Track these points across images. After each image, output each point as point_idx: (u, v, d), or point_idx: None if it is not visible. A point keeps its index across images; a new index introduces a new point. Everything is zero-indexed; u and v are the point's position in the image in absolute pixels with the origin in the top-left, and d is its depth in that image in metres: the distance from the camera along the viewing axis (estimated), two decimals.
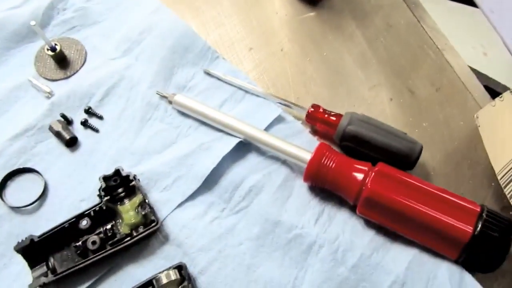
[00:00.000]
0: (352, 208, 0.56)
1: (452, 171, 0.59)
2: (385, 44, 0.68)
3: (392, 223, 0.52)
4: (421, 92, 0.64)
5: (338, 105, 0.61)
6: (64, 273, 0.51)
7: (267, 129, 0.60)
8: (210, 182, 0.57)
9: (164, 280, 0.50)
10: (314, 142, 0.60)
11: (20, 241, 0.53)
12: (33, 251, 0.53)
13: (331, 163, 0.54)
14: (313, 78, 0.65)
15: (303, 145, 0.57)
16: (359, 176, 0.53)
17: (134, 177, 0.56)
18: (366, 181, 0.52)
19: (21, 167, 0.60)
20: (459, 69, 0.65)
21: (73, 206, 0.57)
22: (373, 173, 0.52)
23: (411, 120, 0.62)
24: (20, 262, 0.54)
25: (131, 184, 0.56)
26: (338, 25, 0.70)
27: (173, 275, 0.50)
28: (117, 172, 0.57)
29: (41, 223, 0.56)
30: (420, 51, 0.67)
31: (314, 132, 0.61)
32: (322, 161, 0.54)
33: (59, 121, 0.61)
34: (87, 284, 0.52)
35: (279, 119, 0.62)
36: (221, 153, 0.58)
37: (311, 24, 0.70)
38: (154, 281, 0.50)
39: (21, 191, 0.58)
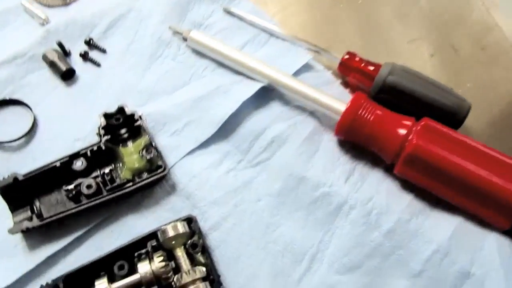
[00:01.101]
0: (388, 168, 0.49)
1: (497, 136, 0.52)
2: None
3: (437, 186, 0.46)
4: (465, 50, 0.58)
5: (373, 58, 0.54)
6: (52, 219, 0.44)
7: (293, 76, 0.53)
8: (226, 129, 0.50)
9: (171, 233, 0.42)
10: (345, 95, 0.53)
11: (1, 179, 0.45)
12: (16, 191, 0.45)
13: (369, 115, 0.47)
14: (345, 26, 0.59)
15: (332, 95, 0.50)
16: (402, 131, 0.46)
17: (140, 116, 0.49)
18: (410, 136, 0.45)
19: (7, 98, 0.51)
20: (507, 29, 0.59)
21: (66, 146, 0.50)
22: (419, 127, 0.45)
23: (454, 79, 0.55)
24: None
25: (136, 124, 0.49)
26: None
27: (181, 227, 0.43)
28: (121, 109, 0.49)
29: (27, 162, 0.49)
30: (465, 6, 0.61)
31: (345, 84, 0.54)
32: (359, 112, 0.47)
33: (55, 50, 0.53)
34: (78, 233, 0.45)
35: (307, 67, 0.55)
36: (242, 97, 0.51)
37: None
38: (159, 233, 0.43)
39: (5, 124, 0.51)
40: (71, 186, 0.46)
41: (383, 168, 0.49)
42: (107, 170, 0.47)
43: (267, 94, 0.52)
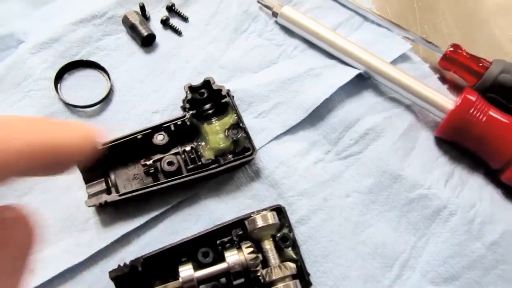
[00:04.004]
0: (489, 174, 0.45)
1: None
2: None
3: None
4: None
5: (473, 53, 0.50)
6: (131, 194, 0.40)
7: None
8: (315, 116, 0.47)
9: (260, 223, 0.39)
10: (443, 91, 0.49)
11: None
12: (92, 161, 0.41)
13: (481, 115, 0.43)
14: (444, 17, 0.54)
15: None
16: None
17: (228, 92, 0.45)
18: None
19: (84, 59, 0.48)
20: None
21: (143, 118, 0.46)
22: None
23: None
24: (73, 172, 0.43)
25: (223, 101, 0.45)
26: None
27: (271, 218, 0.39)
28: (207, 83, 0.45)
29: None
30: None
31: (443, 79, 0.50)
32: (471, 111, 0.43)
33: (136, 12, 0.49)
34: (155, 213, 0.42)
35: (403, 58, 0.50)
36: (336, 82, 0.47)
37: None
38: (246, 222, 0.39)
39: (80, 88, 0.47)
40: (150, 161, 0.42)
41: (484, 173, 0.45)
42: (188, 148, 0.43)
43: (360, 82, 0.48)
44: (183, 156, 0.43)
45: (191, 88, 0.45)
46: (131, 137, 0.42)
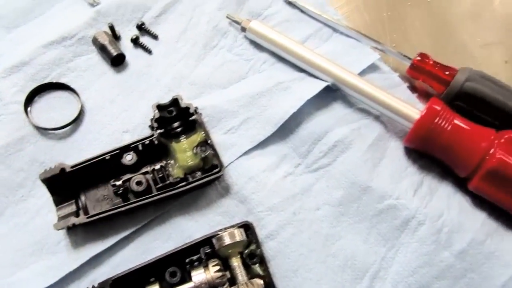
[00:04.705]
0: (457, 182, 0.45)
1: None
2: None
3: None
4: None
5: (443, 61, 0.49)
6: (100, 216, 0.41)
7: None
8: (284, 130, 0.47)
9: (227, 240, 0.39)
10: (413, 100, 0.49)
11: (47, 168, 0.42)
12: (62, 183, 0.42)
13: (447, 124, 0.43)
14: (414, 26, 0.54)
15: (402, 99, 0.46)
16: (482, 143, 0.42)
17: (196, 110, 0.45)
18: (492, 150, 0.41)
19: (54, 81, 0.48)
20: None
21: (114, 137, 0.47)
22: (502, 140, 0.41)
23: None
24: (43, 196, 0.44)
25: (191, 119, 0.45)
26: None
27: (239, 235, 0.40)
28: (175, 101, 0.46)
29: (72, 152, 0.46)
30: None
31: (413, 88, 0.50)
32: (436, 120, 0.43)
33: (105, 33, 0.50)
34: (125, 233, 0.42)
35: (372, 68, 0.51)
36: (304, 96, 0.47)
37: None
38: (214, 240, 0.40)
39: (51, 110, 0.48)
40: (119, 182, 0.43)
41: (453, 181, 0.46)
42: (157, 167, 0.44)
43: (329, 94, 0.48)
44: (152, 175, 0.44)
45: (159, 107, 0.45)
46: (99, 158, 0.43)
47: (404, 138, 0.46)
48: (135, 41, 0.51)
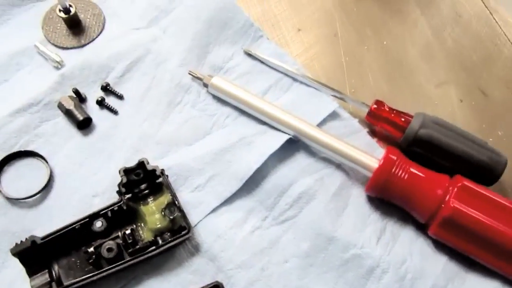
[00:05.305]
0: (419, 226, 0.47)
1: None
2: (453, 36, 0.59)
3: (474, 249, 0.44)
4: (495, 94, 0.55)
5: (400, 103, 0.52)
6: (74, 286, 0.42)
7: (319, 125, 0.51)
8: (250, 184, 0.48)
9: None
10: (373, 145, 0.51)
11: (18, 242, 0.43)
12: (34, 255, 0.43)
13: (403, 173, 0.45)
14: (371, 69, 0.56)
15: (361, 148, 0.48)
16: (437, 191, 0.44)
17: (162, 172, 0.47)
18: (447, 197, 0.43)
19: (22, 149, 0.49)
20: None
21: (84, 202, 0.48)
22: (456, 189, 0.43)
23: (484, 127, 0.53)
24: (15, 266, 0.44)
25: (157, 181, 0.46)
26: (400, 10, 0.60)
27: None
28: (141, 164, 0.47)
29: (43, 220, 0.47)
30: (493, 47, 0.58)
31: (373, 133, 0.52)
32: (393, 170, 0.45)
33: (70, 97, 0.51)
34: None
35: (333, 115, 0.52)
36: (267, 150, 0.48)
37: (369, 7, 0.60)
38: None
39: (20, 179, 0.48)
40: (91, 249, 0.44)
41: (414, 226, 0.47)
42: (128, 231, 0.45)
43: (292, 145, 0.50)
44: (122, 240, 0.45)
45: (126, 171, 0.47)
46: (70, 227, 0.44)
47: (365, 185, 0.48)
48: (101, 103, 0.52)
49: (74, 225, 0.44)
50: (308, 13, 0.60)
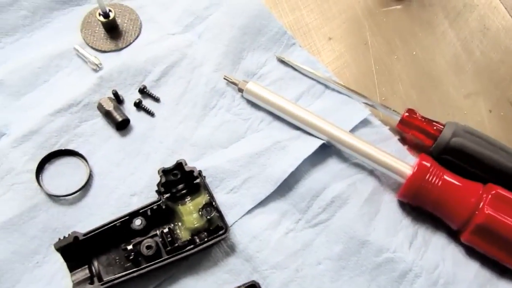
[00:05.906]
0: (451, 232, 0.48)
1: None
2: (481, 49, 0.60)
3: (506, 256, 0.44)
4: None
5: (430, 112, 0.53)
6: (113, 282, 0.43)
7: (350, 132, 0.52)
8: (284, 187, 0.49)
9: None
10: (404, 153, 0.52)
11: (61, 237, 0.44)
12: (76, 251, 0.44)
13: (437, 180, 0.46)
14: (401, 78, 0.58)
15: (393, 154, 0.49)
16: (471, 198, 0.45)
17: (200, 173, 0.48)
18: (480, 205, 0.44)
19: (63, 148, 0.51)
20: None
21: (122, 201, 0.49)
22: (490, 196, 0.44)
23: None
24: (56, 261, 0.46)
25: (195, 182, 0.48)
26: (428, 22, 0.62)
27: None
28: (179, 165, 0.48)
29: (82, 217, 0.48)
30: None
31: (403, 140, 0.53)
32: (426, 177, 0.46)
33: (109, 98, 0.52)
34: None
35: (364, 122, 0.53)
36: (301, 155, 0.49)
37: (398, 18, 0.62)
38: None
39: (61, 177, 0.50)
40: (130, 246, 0.45)
41: (446, 232, 0.48)
42: (166, 230, 0.46)
43: (324, 150, 0.51)
44: (161, 238, 0.46)
45: (165, 172, 0.48)
46: (110, 225, 0.45)
47: (397, 191, 0.49)
48: (138, 105, 0.53)
49: (115, 223, 0.45)
50: (339, 22, 0.61)
